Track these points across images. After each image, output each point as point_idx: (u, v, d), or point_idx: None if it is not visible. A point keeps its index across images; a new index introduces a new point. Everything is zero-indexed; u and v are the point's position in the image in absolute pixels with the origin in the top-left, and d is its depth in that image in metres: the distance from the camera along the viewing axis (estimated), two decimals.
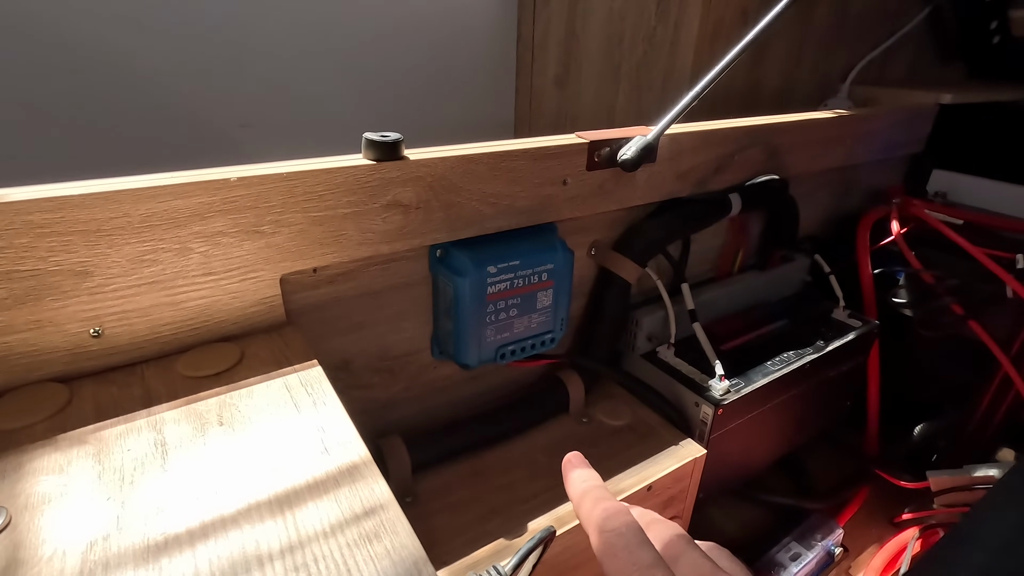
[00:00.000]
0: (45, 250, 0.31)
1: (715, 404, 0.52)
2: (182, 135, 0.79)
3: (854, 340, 0.65)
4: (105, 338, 0.35)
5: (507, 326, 0.49)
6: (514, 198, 0.46)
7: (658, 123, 0.49)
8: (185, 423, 0.31)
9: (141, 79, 0.74)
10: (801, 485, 0.75)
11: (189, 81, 0.77)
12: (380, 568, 0.24)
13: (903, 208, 0.76)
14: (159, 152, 0.78)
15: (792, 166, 0.66)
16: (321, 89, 0.87)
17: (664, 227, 0.57)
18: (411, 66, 0.93)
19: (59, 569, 0.23)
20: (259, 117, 0.83)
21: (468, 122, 1.00)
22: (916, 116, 0.81)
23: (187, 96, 0.78)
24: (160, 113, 0.77)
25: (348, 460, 0.29)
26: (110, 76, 0.72)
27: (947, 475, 0.66)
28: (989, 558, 0.36)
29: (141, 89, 0.75)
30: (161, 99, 0.76)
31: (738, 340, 0.62)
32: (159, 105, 0.76)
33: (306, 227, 0.39)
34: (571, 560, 0.46)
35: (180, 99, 0.77)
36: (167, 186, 0.33)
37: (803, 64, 0.83)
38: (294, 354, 0.37)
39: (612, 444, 0.52)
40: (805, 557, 0.62)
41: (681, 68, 0.74)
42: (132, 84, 0.74)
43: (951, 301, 0.68)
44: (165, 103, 0.77)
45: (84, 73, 0.71)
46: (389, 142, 0.39)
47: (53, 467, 0.28)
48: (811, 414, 0.67)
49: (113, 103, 0.74)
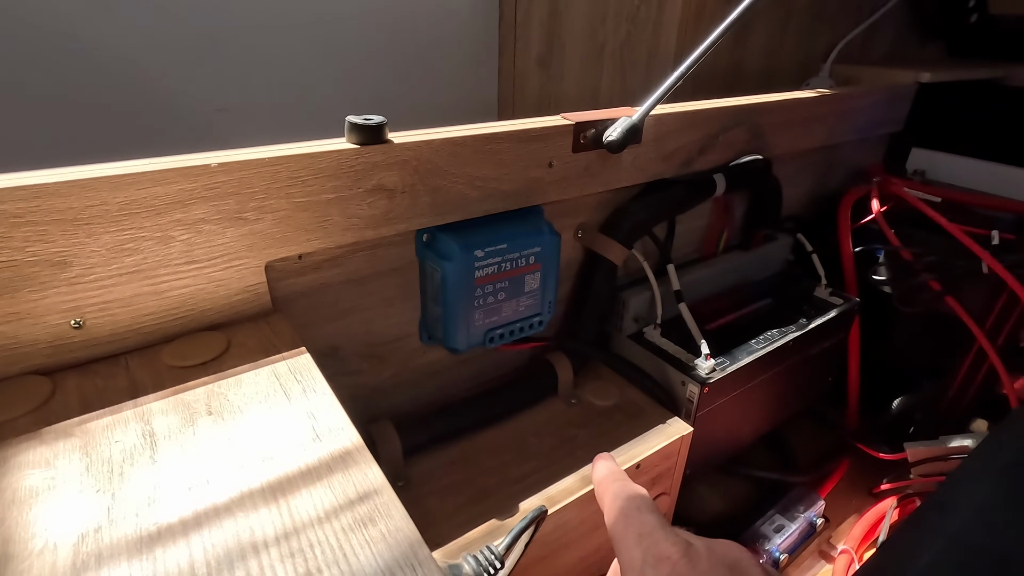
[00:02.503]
0: (20, 240, 0.31)
1: (701, 383, 0.53)
2: (155, 120, 0.77)
3: (836, 317, 0.66)
4: (87, 329, 0.34)
5: (495, 310, 0.49)
6: (500, 181, 0.46)
7: (643, 104, 0.48)
8: (173, 413, 0.31)
9: (111, 62, 0.72)
10: (784, 459, 0.77)
11: (162, 64, 0.75)
12: (376, 552, 0.24)
13: (883, 187, 0.77)
14: (131, 138, 0.75)
15: (775, 146, 0.66)
16: (299, 72, 0.85)
17: (650, 208, 0.57)
18: (391, 47, 0.91)
19: (51, 562, 0.23)
20: (236, 101, 0.81)
21: (451, 104, 0.99)
22: (896, 95, 0.82)
23: (160, 80, 0.76)
24: (132, 98, 0.75)
25: (340, 446, 0.29)
26: (79, 59, 0.70)
27: (923, 446, 0.68)
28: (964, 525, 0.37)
29: (112, 73, 0.72)
30: (133, 83, 0.74)
31: (723, 319, 0.63)
32: (131, 89, 0.74)
33: (290, 213, 0.38)
34: (562, 538, 0.47)
35: (152, 83, 0.75)
36: (145, 173, 0.32)
37: (786, 43, 0.83)
38: (282, 342, 0.37)
39: (601, 424, 0.53)
40: (788, 528, 0.64)
41: (665, 48, 0.73)
42: (102, 68, 0.72)
43: (929, 278, 0.70)
44: (137, 87, 0.74)
45: (51, 56, 0.69)
46: (373, 125, 0.39)
47: (39, 461, 0.28)
48: (794, 390, 0.69)
49: (83, 87, 0.71)
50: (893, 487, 0.72)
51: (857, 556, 0.63)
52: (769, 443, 0.78)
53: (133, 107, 0.75)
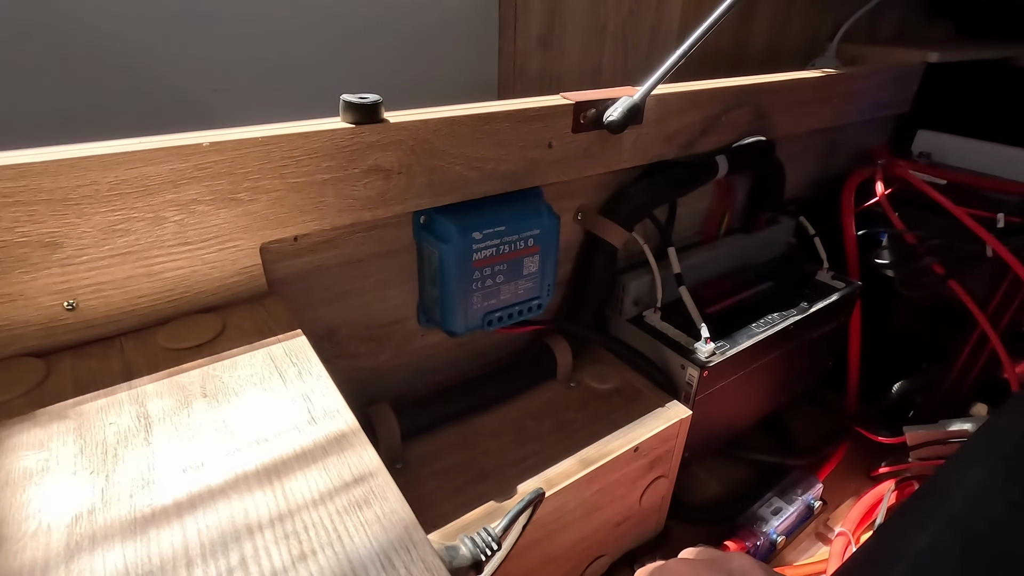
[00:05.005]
0: (10, 220, 0.30)
1: (700, 366, 0.53)
2: (150, 101, 0.76)
3: (837, 301, 0.66)
4: (80, 311, 0.34)
5: (494, 293, 0.49)
6: (498, 162, 0.45)
7: (645, 83, 0.47)
8: (168, 396, 0.31)
9: (104, 40, 0.71)
10: (783, 443, 0.77)
11: (157, 44, 0.74)
12: (371, 534, 0.24)
13: (888, 169, 0.76)
14: (126, 119, 0.74)
15: (779, 127, 0.65)
16: (297, 51, 0.83)
17: (651, 191, 0.57)
18: (390, 26, 0.89)
19: (44, 544, 0.23)
20: (232, 81, 0.80)
21: (449, 84, 0.97)
22: (902, 75, 0.80)
23: (155, 59, 0.74)
24: (126, 77, 0.73)
25: (336, 429, 0.29)
26: (71, 38, 0.69)
27: (923, 430, 0.68)
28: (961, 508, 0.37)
29: (105, 51, 0.71)
30: (127, 62, 0.73)
31: (723, 303, 0.63)
32: (125, 68, 0.73)
33: (285, 194, 0.37)
34: (560, 520, 0.47)
35: (147, 63, 0.74)
36: (136, 152, 0.32)
37: (791, 22, 0.81)
38: (277, 324, 0.37)
39: (600, 407, 0.53)
40: (786, 511, 0.64)
41: (668, 25, 0.72)
42: (95, 46, 0.70)
43: (932, 261, 0.69)
44: (131, 66, 0.73)
45: (42, 33, 0.67)
46: (368, 104, 0.38)
47: (33, 442, 0.27)
48: (794, 374, 0.69)
49: (76, 67, 0.70)
50: (891, 470, 0.72)
51: (854, 539, 0.63)
52: (768, 426, 0.78)
53: (127, 86, 0.74)
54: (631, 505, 0.54)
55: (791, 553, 0.65)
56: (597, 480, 0.47)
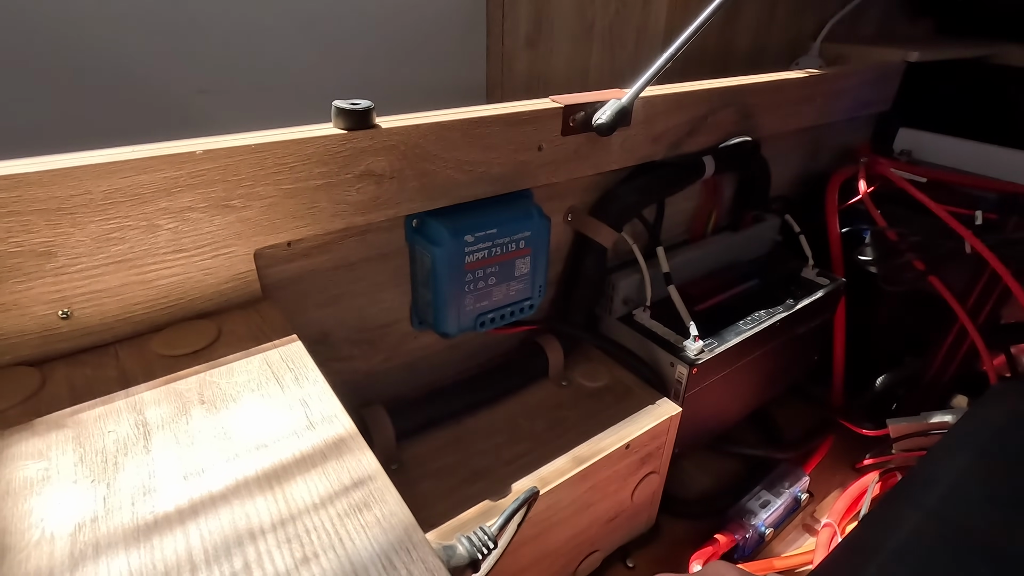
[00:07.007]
0: (3, 231, 0.30)
1: (689, 364, 0.54)
2: (134, 103, 0.75)
3: (822, 298, 0.67)
4: (75, 319, 0.34)
5: (486, 294, 0.49)
6: (489, 165, 0.46)
7: (632, 86, 0.48)
8: (166, 403, 0.31)
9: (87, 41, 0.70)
10: (770, 437, 0.78)
11: (141, 44, 0.73)
12: (371, 536, 0.25)
13: (870, 167, 0.77)
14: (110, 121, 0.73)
15: (764, 126, 0.66)
16: (283, 52, 0.83)
17: (639, 191, 0.57)
18: (377, 27, 0.89)
19: (48, 552, 0.23)
20: (217, 83, 0.80)
21: (438, 87, 0.97)
22: (884, 74, 0.82)
23: (139, 60, 0.74)
24: (111, 78, 0.73)
25: (334, 433, 0.29)
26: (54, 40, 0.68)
27: (905, 422, 0.70)
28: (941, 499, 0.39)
29: (88, 52, 0.70)
30: (111, 63, 0.72)
31: (711, 301, 0.64)
32: (109, 70, 0.72)
33: (278, 200, 0.38)
34: (554, 517, 0.48)
35: (131, 63, 0.73)
36: (129, 160, 0.32)
37: (775, 22, 0.82)
38: (272, 329, 0.37)
39: (591, 405, 0.54)
40: (774, 504, 0.66)
41: (654, 25, 0.73)
42: (78, 47, 0.70)
43: (913, 257, 0.71)
44: (116, 68, 0.72)
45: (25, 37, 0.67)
46: (360, 110, 0.38)
47: (33, 452, 0.28)
48: (781, 370, 0.70)
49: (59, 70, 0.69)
50: (875, 462, 0.74)
51: (840, 529, 0.65)
52: (755, 421, 0.79)
53: (112, 88, 0.73)
54: (623, 501, 0.55)
55: (779, 544, 0.67)
56: (590, 477, 0.48)
